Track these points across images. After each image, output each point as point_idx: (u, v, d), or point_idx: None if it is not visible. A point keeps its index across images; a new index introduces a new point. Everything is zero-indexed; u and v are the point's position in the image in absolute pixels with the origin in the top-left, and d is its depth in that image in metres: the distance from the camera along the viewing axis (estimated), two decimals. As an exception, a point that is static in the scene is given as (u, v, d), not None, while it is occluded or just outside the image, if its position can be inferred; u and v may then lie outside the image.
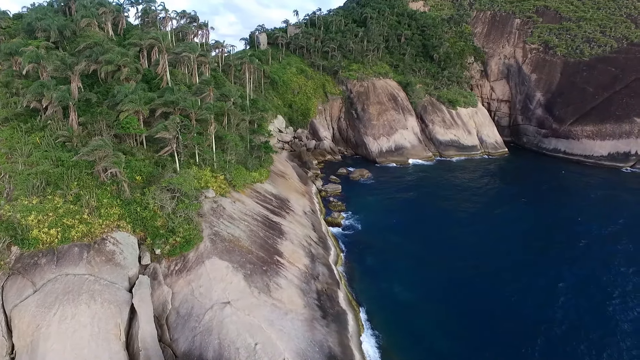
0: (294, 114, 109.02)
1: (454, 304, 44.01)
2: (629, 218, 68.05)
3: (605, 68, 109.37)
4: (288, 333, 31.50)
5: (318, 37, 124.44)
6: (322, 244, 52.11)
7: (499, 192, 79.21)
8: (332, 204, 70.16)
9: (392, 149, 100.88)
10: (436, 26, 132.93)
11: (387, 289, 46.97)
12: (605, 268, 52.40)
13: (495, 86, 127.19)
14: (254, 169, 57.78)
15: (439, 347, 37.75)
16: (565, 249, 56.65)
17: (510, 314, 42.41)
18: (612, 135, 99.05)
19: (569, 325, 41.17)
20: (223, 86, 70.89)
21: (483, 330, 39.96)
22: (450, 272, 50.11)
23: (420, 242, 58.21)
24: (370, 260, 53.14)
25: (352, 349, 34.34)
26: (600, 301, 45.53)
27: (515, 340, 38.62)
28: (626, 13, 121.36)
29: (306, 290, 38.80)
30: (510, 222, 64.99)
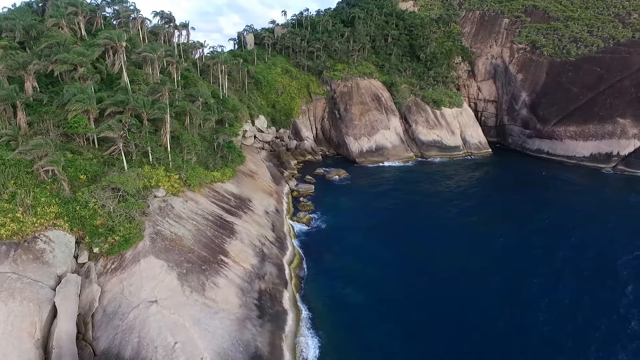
0: (277, 114, 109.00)
1: (406, 309, 42.98)
2: (604, 220, 67.37)
3: (590, 68, 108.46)
4: (213, 332, 31.45)
5: (304, 37, 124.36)
6: (279, 244, 52.07)
7: (473, 193, 78.53)
8: (302, 204, 70.08)
9: (373, 149, 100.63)
10: (424, 26, 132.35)
11: (340, 290, 46.67)
12: (575, 270, 51.96)
13: (482, 86, 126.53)
14: (216, 169, 57.81)
15: (383, 352, 37.27)
16: (531, 253, 55.54)
17: (465, 322, 41.08)
18: (594, 135, 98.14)
19: (527, 330, 40.37)
20: (194, 86, 71.13)
21: (431, 337, 39.14)
22: (409, 276, 49.35)
23: (385, 244, 57.72)
24: (328, 261, 52.98)
25: (282, 349, 34.26)
26: (563, 302, 45.13)
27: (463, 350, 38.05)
28: (614, 12, 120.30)
29: (246, 290, 38.75)
30: (479, 225, 64.25)
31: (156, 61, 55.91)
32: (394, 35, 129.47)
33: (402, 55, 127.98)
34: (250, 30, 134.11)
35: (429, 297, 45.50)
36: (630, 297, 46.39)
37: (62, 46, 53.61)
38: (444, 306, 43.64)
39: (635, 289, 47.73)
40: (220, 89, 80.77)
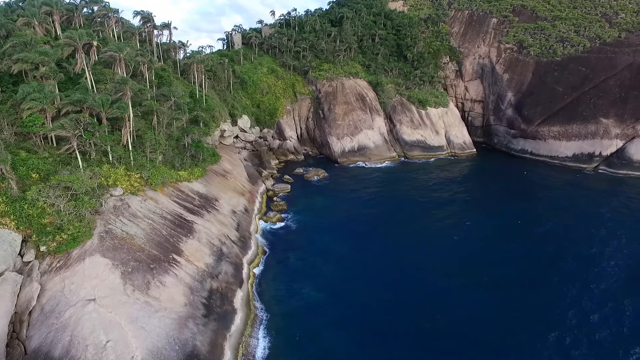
0: (262, 113, 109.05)
1: (365, 315, 42.47)
2: (579, 221, 67.07)
3: (576, 68, 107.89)
4: (149, 331, 31.40)
5: (291, 37, 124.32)
6: (241, 243, 52.05)
7: (449, 195, 77.78)
8: (275, 204, 70.04)
9: (355, 149, 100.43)
10: (412, 26, 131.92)
11: (300, 290, 46.59)
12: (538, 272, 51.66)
13: (470, 86, 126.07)
14: (184, 168, 57.81)
15: (334, 356, 36.93)
16: (500, 256, 55.09)
17: (426, 331, 40.14)
18: (577, 135, 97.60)
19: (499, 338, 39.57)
20: (169, 85, 71.14)
21: (387, 344, 38.40)
22: (374, 280, 48.87)
23: (353, 246, 57.49)
24: (292, 261, 52.95)
25: (224, 348, 34.22)
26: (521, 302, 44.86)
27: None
28: (601, 12, 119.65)
29: (196, 289, 38.70)
30: (450, 228, 63.72)
31: (122, 60, 55.81)
32: (381, 35, 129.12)
33: (389, 55, 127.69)
34: (238, 30, 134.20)
35: (392, 303, 44.39)
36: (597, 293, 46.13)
37: (29, 45, 53.71)
38: (406, 315, 42.50)
39: (606, 287, 47.48)
40: (198, 88, 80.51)
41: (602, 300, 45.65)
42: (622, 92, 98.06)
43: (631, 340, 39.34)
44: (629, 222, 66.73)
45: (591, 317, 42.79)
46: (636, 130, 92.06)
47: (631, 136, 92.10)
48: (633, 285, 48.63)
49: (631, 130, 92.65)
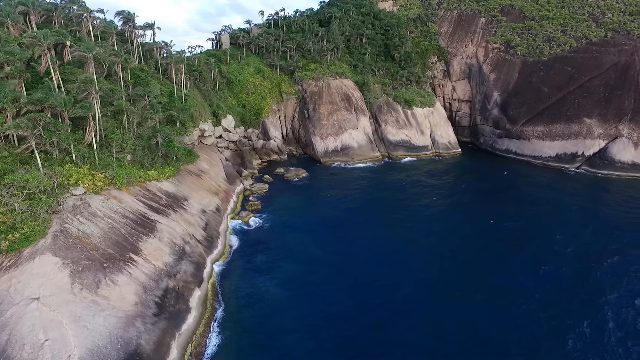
0: (247, 113, 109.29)
1: (327, 318, 41.67)
2: (549, 218, 66.92)
3: (562, 67, 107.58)
4: (92, 330, 31.42)
5: (278, 37, 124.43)
6: (207, 243, 52.11)
7: (426, 195, 77.59)
8: (249, 204, 70.09)
9: (338, 149, 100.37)
10: (400, 26, 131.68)
11: (263, 290, 46.43)
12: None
13: (457, 86, 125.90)
14: (154, 168, 57.83)
15: (288, 354, 36.70)
16: (469, 260, 54.83)
17: (390, 341, 39.07)
18: (561, 135, 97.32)
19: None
20: (146, 85, 71.22)
21: (345, 351, 37.70)
22: (340, 280, 48.59)
23: (324, 245, 57.31)
24: (259, 260, 52.87)
25: (171, 347, 34.26)
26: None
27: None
28: (589, 12, 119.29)
29: (150, 288, 38.72)
30: (423, 227, 63.80)
31: (91, 60, 55.86)
32: (369, 34, 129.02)
33: (376, 55, 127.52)
34: (227, 30, 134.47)
35: (356, 307, 43.50)
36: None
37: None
38: (370, 319, 41.59)
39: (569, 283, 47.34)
40: (176, 88, 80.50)
41: (570, 300, 45.46)
42: (606, 92, 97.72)
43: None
44: (599, 219, 66.68)
45: (564, 317, 42.52)
46: (619, 130, 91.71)
47: (614, 136, 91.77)
48: (605, 280, 48.55)
49: (614, 130, 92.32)
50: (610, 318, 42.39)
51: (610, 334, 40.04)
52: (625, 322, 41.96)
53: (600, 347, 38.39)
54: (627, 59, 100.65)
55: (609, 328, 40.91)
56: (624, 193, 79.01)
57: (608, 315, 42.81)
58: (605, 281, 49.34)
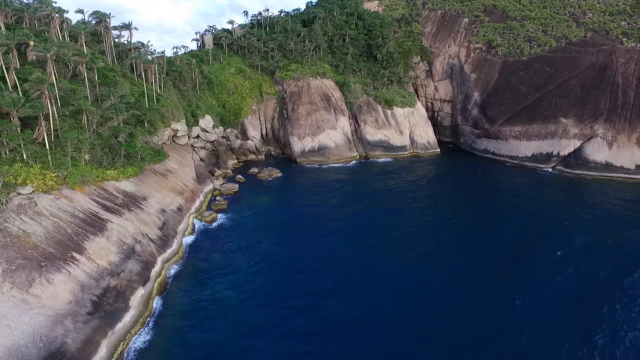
0: (227, 113, 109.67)
1: (277, 317, 41.46)
2: (511, 216, 66.91)
3: (541, 67, 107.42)
4: (14, 329, 31.57)
5: (260, 37, 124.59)
6: (162, 242, 52.27)
7: (395, 194, 77.37)
8: (215, 203, 70.25)
9: (315, 149, 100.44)
10: (383, 26, 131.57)
11: (211, 290, 46.13)
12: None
13: (439, 86, 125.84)
14: (114, 167, 58.03)
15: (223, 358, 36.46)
16: (431, 262, 54.30)
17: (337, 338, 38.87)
18: (538, 135, 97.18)
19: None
20: (114, 85, 71.48)
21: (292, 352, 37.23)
22: (295, 282, 48.02)
23: (284, 246, 57.08)
24: (214, 260, 52.92)
25: (100, 346, 34.45)
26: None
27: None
28: (570, 12, 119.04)
29: (88, 287, 38.85)
30: (383, 227, 63.69)
31: (50, 60, 56.11)
32: (351, 34, 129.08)
33: (359, 55, 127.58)
34: (211, 30, 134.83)
35: (308, 311, 42.57)
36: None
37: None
38: (324, 324, 40.62)
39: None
40: (148, 88, 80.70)
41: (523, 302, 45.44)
42: (583, 92, 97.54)
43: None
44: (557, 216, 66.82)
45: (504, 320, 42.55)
46: (594, 130, 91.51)
47: (589, 136, 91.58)
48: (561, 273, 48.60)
49: (589, 130, 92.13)
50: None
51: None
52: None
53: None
54: (605, 59, 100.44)
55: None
56: (592, 192, 79.06)
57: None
58: (550, 265, 49.40)
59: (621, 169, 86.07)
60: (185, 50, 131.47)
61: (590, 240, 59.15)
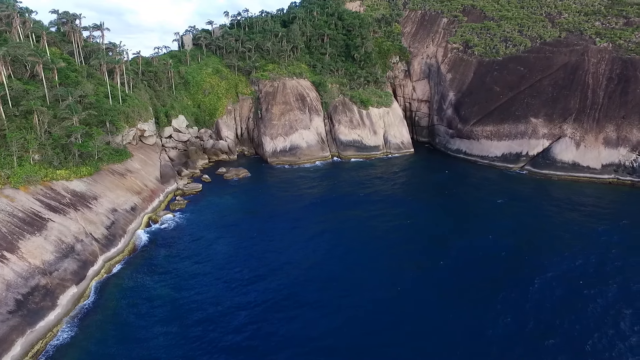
0: (202, 114, 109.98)
1: (213, 319, 41.09)
2: (466, 216, 67.09)
3: (515, 67, 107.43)
4: None
5: (238, 37, 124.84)
6: (107, 241, 52.62)
7: (356, 195, 77.10)
8: (174, 203, 70.61)
9: (287, 149, 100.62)
10: (363, 26, 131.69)
11: (150, 290, 46.00)
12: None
13: (417, 86, 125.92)
14: (66, 167, 58.38)
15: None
16: (385, 263, 54.10)
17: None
18: (508, 135, 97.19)
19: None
20: (75, 86, 71.91)
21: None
22: (240, 283, 47.74)
23: (236, 247, 56.89)
24: (160, 259, 53.15)
25: (14, 344, 34.76)
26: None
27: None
28: (546, 12, 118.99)
29: (15, 285, 39.14)
30: (334, 229, 63.63)
31: (0, 60, 56.58)
32: (330, 35, 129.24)
33: (337, 56, 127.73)
34: (191, 31, 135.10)
35: (243, 316, 42.06)
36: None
37: None
38: (261, 333, 39.99)
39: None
40: (113, 88, 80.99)
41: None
42: (555, 92, 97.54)
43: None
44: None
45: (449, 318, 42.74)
46: (562, 130, 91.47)
47: (557, 136, 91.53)
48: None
49: (558, 130, 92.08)
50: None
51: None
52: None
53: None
54: (577, 59, 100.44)
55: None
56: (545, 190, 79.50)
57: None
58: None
59: (587, 168, 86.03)
60: (167, 51, 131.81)
61: (524, 238, 59.85)
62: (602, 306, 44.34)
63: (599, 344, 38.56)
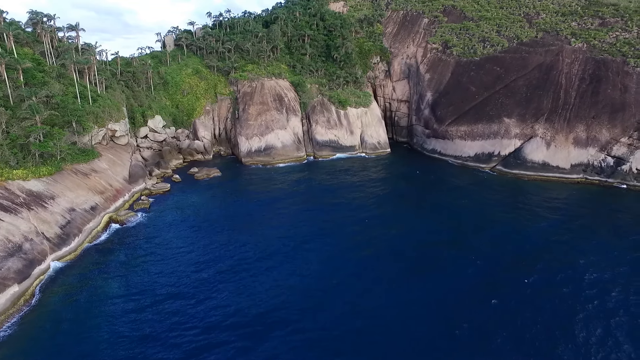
0: (180, 114, 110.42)
1: (158, 324, 40.61)
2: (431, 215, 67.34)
3: (491, 67, 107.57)
4: None
5: (219, 38, 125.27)
6: (59, 240, 52.97)
7: (321, 195, 77.63)
8: (139, 202, 71.05)
9: (262, 149, 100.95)
10: (344, 27, 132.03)
11: (99, 290, 46.05)
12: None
13: (397, 86, 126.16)
14: (24, 167, 58.76)
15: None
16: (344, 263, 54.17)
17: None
18: (481, 135, 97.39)
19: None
20: (41, 86, 72.36)
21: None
22: (197, 286, 47.20)
23: (195, 247, 56.89)
24: (113, 259, 53.35)
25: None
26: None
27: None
28: (524, 12, 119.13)
29: (-50, 284, 39.42)
30: (290, 229, 63.54)
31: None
32: (311, 35, 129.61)
33: (318, 56, 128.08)
34: (173, 31, 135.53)
35: (188, 320, 41.35)
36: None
37: None
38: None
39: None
40: (84, 88, 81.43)
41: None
42: (528, 92, 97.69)
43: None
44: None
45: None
46: (534, 130, 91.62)
47: (529, 136, 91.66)
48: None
49: (529, 130, 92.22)
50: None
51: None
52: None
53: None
54: (552, 59, 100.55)
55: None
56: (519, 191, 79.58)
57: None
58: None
59: (557, 168, 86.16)
60: (151, 51, 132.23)
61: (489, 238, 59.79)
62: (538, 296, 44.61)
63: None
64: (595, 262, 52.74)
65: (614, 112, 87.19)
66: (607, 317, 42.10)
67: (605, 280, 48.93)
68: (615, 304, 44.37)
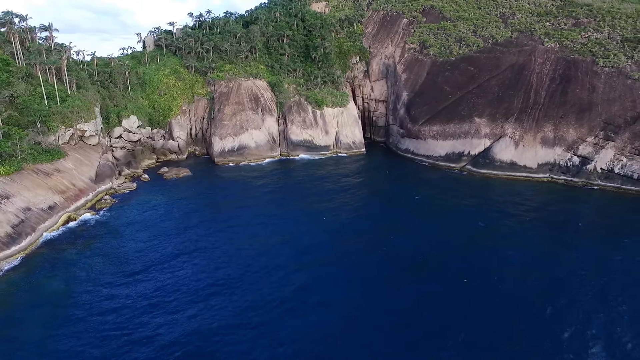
0: (156, 114, 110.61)
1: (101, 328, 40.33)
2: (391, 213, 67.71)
3: (466, 67, 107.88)
4: None
5: (198, 38, 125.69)
6: (8, 239, 53.33)
7: (289, 194, 78.34)
8: (101, 202, 71.42)
9: (235, 148, 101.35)
10: (324, 27, 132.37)
11: (44, 288, 46.37)
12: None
13: (375, 86, 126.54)
14: (-19, 166, 59.23)
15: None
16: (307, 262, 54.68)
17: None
18: (453, 135, 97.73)
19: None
20: (6, 86, 72.87)
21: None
22: (152, 288, 46.97)
23: (151, 248, 56.70)
24: (64, 257, 53.61)
25: None
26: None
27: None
28: (501, 12, 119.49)
29: None
30: (255, 227, 64.35)
31: None
32: (290, 35, 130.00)
33: (297, 56, 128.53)
34: (154, 32, 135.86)
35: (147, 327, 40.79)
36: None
37: None
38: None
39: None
40: (53, 88, 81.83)
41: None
42: (500, 92, 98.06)
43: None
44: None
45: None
46: (504, 130, 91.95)
47: (499, 135, 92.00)
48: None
49: (499, 130, 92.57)
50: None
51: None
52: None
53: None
54: (525, 59, 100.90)
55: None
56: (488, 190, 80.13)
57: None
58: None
59: (524, 168, 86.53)
60: (132, 51, 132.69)
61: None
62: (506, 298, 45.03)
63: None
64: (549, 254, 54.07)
65: (581, 111, 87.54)
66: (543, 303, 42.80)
67: (554, 270, 51.13)
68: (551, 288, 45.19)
